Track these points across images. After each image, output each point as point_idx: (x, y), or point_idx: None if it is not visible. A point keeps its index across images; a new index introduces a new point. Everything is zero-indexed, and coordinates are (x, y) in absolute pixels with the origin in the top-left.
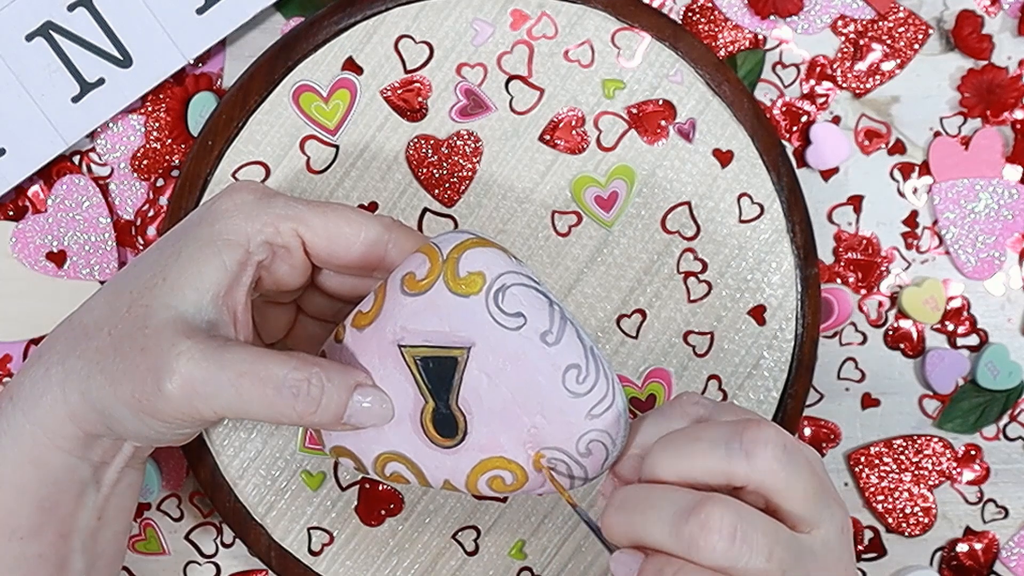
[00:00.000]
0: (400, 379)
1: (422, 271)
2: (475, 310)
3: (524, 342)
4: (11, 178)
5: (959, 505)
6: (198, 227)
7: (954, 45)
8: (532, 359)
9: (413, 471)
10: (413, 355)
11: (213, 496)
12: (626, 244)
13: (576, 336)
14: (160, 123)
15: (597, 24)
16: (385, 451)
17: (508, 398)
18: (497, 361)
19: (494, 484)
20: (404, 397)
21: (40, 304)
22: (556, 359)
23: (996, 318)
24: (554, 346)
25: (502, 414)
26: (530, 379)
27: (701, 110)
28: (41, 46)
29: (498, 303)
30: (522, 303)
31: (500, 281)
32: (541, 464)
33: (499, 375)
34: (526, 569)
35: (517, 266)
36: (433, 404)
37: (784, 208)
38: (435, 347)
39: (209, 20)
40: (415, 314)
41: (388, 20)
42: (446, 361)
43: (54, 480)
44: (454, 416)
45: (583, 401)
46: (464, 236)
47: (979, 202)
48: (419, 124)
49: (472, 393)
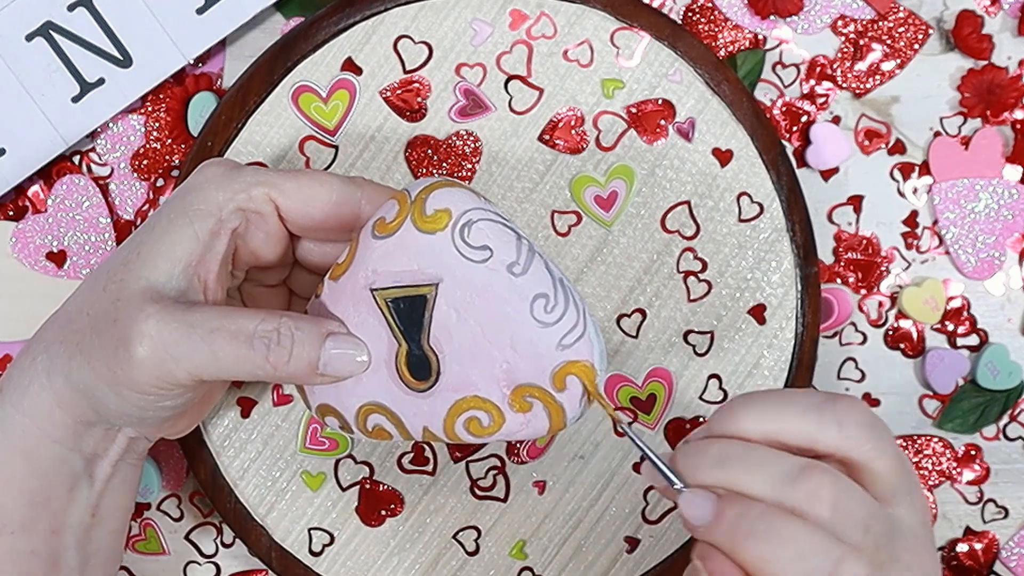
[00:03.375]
0: (374, 324)
1: (391, 214)
2: (442, 246)
3: (491, 274)
4: (11, 178)
5: (959, 505)
6: (171, 203)
7: (954, 45)
8: (499, 291)
9: (393, 421)
10: (384, 297)
11: (213, 497)
12: (626, 243)
13: (544, 267)
14: (160, 123)
15: (596, 24)
16: (365, 403)
17: (478, 332)
18: (465, 295)
19: (471, 427)
20: (379, 342)
21: (40, 304)
22: (523, 289)
23: (996, 318)
24: (521, 276)
25: (472, 350)
26: (498, 311)
27: (700, 109)
28: (41, 46)
29: (464, 237)
30: (488, 236)
31: (466, 217)
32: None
33: (467, 309)
34: (526, 569)
35: (484, 204)
36: (407, 347)
37: (784, 207)
38: (405, 287)
39: (209, 20)
40: (385, 256)
41: (387, 20)
42: (416, 300)
43: (44, 472)
44: (427, 356)
45: (552, 331)
46: (432, 180)
47: (979, 202)
48: (418, 124)
49: (442, 330)
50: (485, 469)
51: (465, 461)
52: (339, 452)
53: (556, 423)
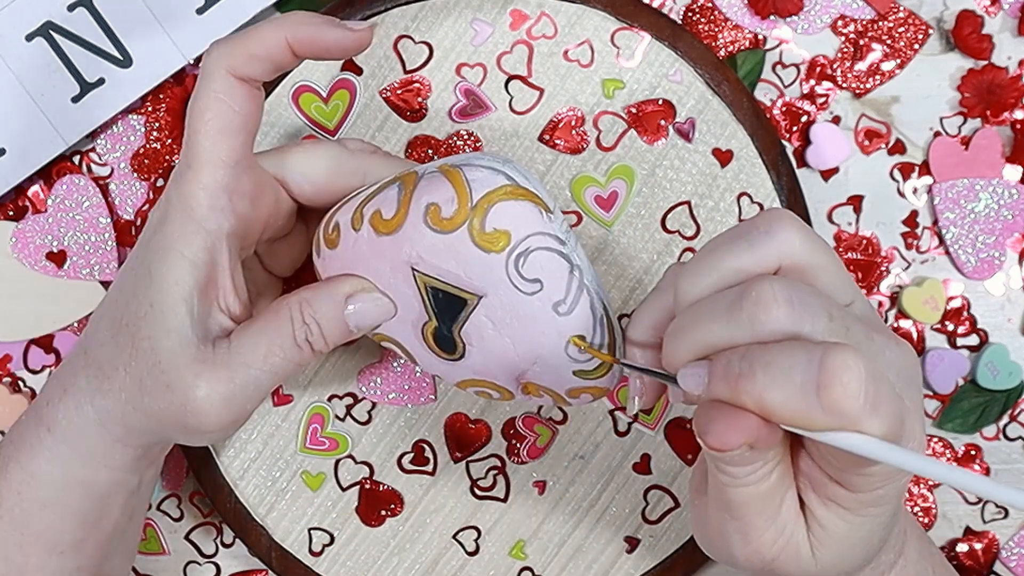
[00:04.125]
0: (408, 293)
1: (448, 209)
2: (494, 266)
3: (536, 307)
4: (11, 178)
5: (959, 505)
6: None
7: (954, 45)
8: (540, 323)
9: (407, 356)
10: (425, 282)
11: (214, 497)
12: (626, 244)
13: (589, 306)
14: (160, 123)
15: (596, 24)
16: (386, 335)
17: (508, 345)
18: (505, 316)
19: (481, 395)
20: (409, 308)
21: (40, 304)
22: (563, 328)
23: (996, 318)
24: (564, 316)
25: (500, 356)
26: (534, 338)
27: (701, 110)
28: (41, 46)
29: (518, 266)
30: (541, 268)
31: (525, 244)
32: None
33: (504, 327)
34: (526, 569)
35: (546, 223)
36: (436, 324)
37: (784, 207)
38: (447, 284)
39: (209, 20)
40: (434, 249)
41: (387, 20)
42: (456, 299)
43: (101, 496)
44: (454, 340)
45: (580, 366)
46: (499, 182)
47: (979, 202)
48: (419, 124)
49: (475, 331)
50: (485, 469)
51: (465, 461)
52: (339, 452)
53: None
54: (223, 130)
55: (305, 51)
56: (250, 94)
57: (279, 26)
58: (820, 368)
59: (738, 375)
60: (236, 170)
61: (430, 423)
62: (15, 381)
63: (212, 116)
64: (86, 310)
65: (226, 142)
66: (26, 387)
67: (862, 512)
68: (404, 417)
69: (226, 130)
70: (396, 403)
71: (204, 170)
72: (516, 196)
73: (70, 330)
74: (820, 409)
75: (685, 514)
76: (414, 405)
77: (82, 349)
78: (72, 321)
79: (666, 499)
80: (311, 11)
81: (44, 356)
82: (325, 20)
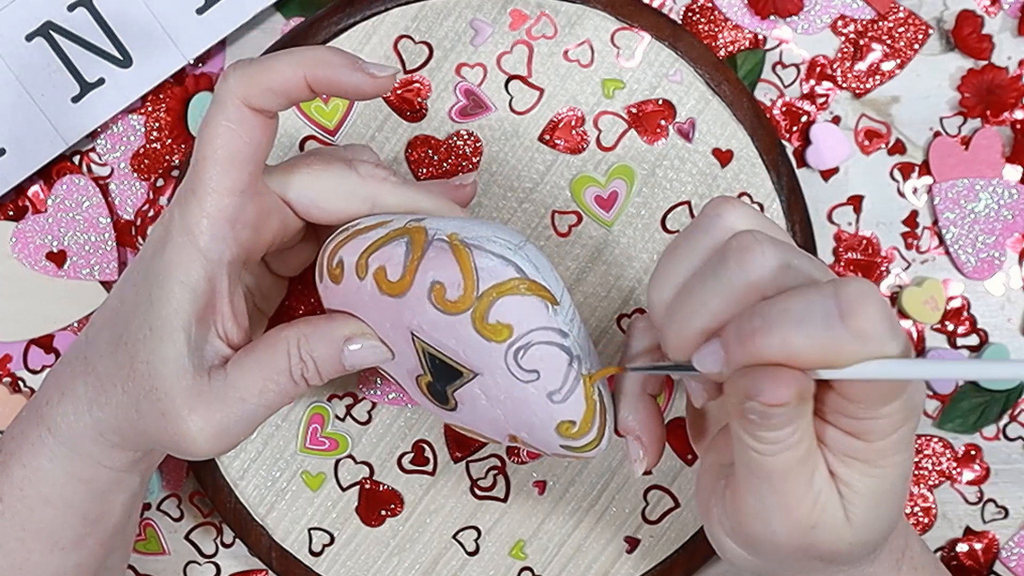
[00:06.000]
0: (407, 350)
1: (454, 292)
2: (492, 353)
3: (530, 393)
4: (11, 178)
5: (959, 505)
6: (152, 260)
7: (954, 45)
8: (533, 407)
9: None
10: (424, 348)
11: (213, 497)
12: (626, 244)
13: (582, 397)
14: (160, 123)
15: (596, 24)
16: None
17: (500, 417)
18: (499, 394)
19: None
20: (406, 359)
21: (40, 304)
22: (555, 414)
23: (996, 318)
24: (558, 404)
25: (491, 421)
26: (526, 417)
27: (701, 110)
28: (41, 46)
29: (517, 358)
30: (540, 361)
31: (526, 338)
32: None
33: (498, 403)
34: (526, 569)
35: (550, 318)
36: (431, 379)
37: (784, 207)
38: (446, 356)
39: (209, 20)
40: (435, 324)
41: (387, 20)
42: (452, 368)
43: (103, 493)
44: (448, 396)
45: (569, 443)
46: (508, 275)
47: (979, 202)
48: (419, 124)
49: (469, 398)
50: (485, 469)
51: (465, 461)
52: (339, 452)
53: None
54: (231, 159)
55: (323, 90)
56: (262, 124)
57: (299, 62)
58: (839, 300)
59: (753, 332)
60: (241, 199)
61: (430, 423)
62: (15, 381)
63: (221, 144)
64: (86, 310)
65: (233, 171)
66: (26, 387)
67: (882, 463)
68: (404, 417)
69: (235, 159)
70: (396, 403)
71: (208, 198)
72: (523, 292)
73: (70, 330)
74: (849, 338)
75: (685, 514)
76: (414, 405)
77: (81, 354)
78: (72, 321)
79: (666, 499)
80: (311, 11)
81: (44, 356)
82: (347, 61)
